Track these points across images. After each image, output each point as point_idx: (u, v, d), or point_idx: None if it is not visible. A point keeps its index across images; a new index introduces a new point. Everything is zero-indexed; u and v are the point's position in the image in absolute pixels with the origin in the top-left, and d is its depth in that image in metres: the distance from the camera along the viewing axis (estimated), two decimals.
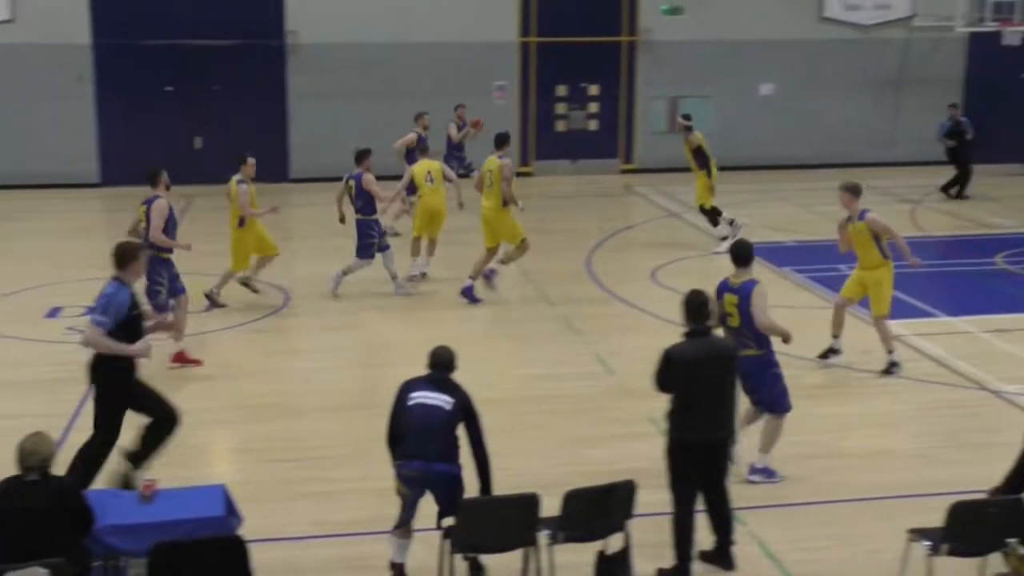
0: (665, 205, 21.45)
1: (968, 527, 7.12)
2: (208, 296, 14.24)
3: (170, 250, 12.11)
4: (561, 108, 25.32)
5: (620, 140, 25.53)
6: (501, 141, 14.70)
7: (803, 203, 21.58)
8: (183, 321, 12.14)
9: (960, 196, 22.15)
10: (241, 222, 14.09)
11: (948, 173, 22.45)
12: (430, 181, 15.42)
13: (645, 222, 20.26)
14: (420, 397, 7.45)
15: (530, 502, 7.18)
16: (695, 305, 7.74)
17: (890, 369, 11.79)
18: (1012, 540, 7.13)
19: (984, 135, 24.24)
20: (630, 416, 10.31)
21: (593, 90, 25.28)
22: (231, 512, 7.31)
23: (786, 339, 9.05)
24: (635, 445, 9.57)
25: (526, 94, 25.03)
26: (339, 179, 15.26)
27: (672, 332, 12.79)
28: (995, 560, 7.36)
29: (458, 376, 7.54)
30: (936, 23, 25.20)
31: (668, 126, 25.21)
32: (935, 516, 7.19)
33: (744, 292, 8.87)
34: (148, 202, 12.09)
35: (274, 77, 23.95)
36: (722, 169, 24.57)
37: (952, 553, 7.10)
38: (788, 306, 14.48)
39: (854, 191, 11.65)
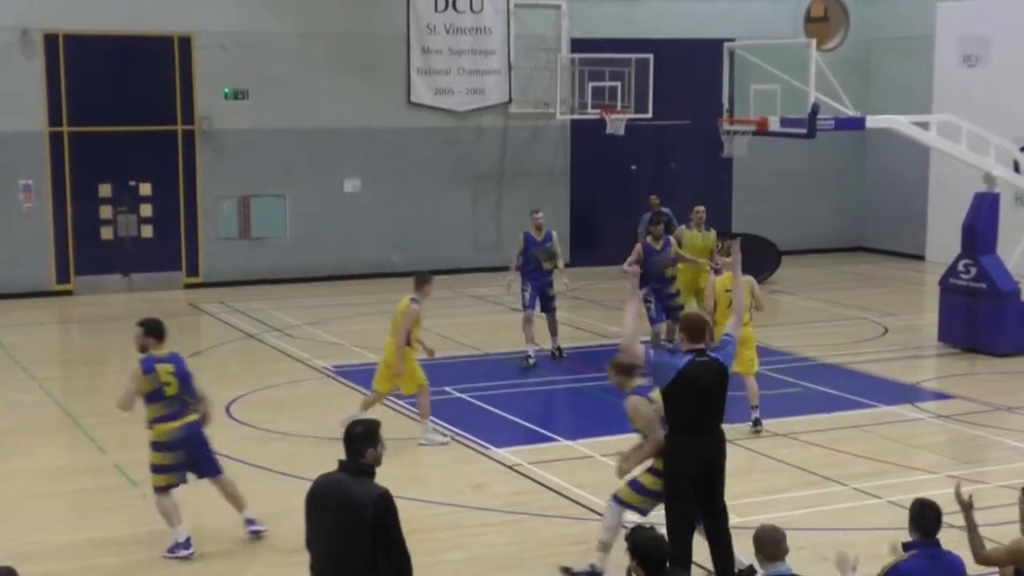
0: (240, 325, 21.60)
1: None
2: None
3: None
4: (106, 212, 25.07)
5: (182, 249, 25.53)
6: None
7: None
8: None
9: None
10: None
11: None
12: None
13: (216, 346, 20.29)
14: None
15: None
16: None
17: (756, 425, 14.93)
18: None
19: (590, 235, 26.35)
20: None
21: (145, 189, 25.21)
22: None
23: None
24: None
25: (60, 195, 24.60)
26: None
27: (256, 477, 12.93)
28: None
29: None
30: (534, 110, 27.13)
31: (240, 231, 25.55)
32: None
33: (177, 360, 11.52)
34: None
35: None
36: (304, 281, 25.22)
37: None
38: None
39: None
